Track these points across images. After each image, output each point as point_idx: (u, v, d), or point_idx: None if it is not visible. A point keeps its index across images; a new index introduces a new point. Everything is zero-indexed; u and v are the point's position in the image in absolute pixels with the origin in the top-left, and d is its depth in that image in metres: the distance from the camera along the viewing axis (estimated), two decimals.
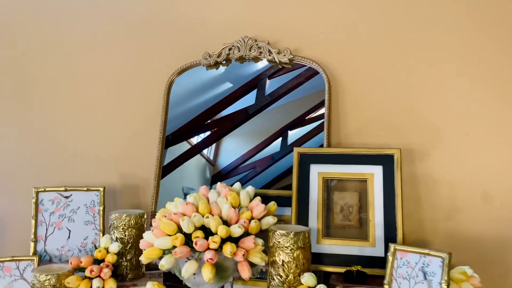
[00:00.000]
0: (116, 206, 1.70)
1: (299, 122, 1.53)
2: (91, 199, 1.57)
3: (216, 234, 1.16)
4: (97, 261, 1.33)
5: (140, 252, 1.40)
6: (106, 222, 1.55)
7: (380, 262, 1.33)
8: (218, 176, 1.56)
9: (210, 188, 1.55)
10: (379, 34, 1.53)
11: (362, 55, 1.54)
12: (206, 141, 1.61)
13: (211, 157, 1.57)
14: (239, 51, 1.61)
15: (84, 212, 1.55)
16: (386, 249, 1.33)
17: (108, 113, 1.75)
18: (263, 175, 1.53)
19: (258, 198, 1.27)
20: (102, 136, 1.74)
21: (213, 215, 1.19)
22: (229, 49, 1.62)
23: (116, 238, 1.39)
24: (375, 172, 1.41)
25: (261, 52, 1.59)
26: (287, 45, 1.59)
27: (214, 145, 1.59)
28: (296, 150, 1.46)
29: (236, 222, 1.20)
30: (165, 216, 1.20)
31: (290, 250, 1.13)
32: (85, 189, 1.56)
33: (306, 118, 1.53)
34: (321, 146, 1.49)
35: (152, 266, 1.48)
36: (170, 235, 1.17)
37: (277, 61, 1.57)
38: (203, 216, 1.19)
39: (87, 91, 1.77)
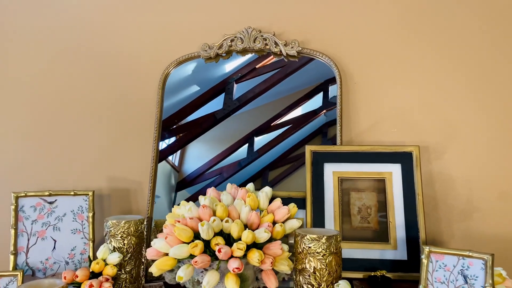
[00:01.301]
0: (104, 212, 1.53)
1: (265, 128, 1.46)
2: (79, 204, 1.40)
3: (239, 240, 1.04)
4: (94, 275, 1.17)
5: (140, 262, 1.26)
6: (96, 230, 1.39)
7: (403, 266, 1.26)
8: (183, 182, 1.47)
9: (175, 196, 1.45)
10: (392, 26, 1.47)
11: (373, 48, 1.48)
12: (173, 146, 1.50)
13: (176, 163, 1.47)
14: (242, 43, 1.50)
15: (71, 219, 1.38)
16: (409, 251, 1.27)
17: (95, 109, 1.58)
18: (229, 181, 1.42)
19: (279, 199, 1.17)
20: (88, 135, 1.57)
21: (232, 219, 1.07)
22: (231, 41, 1.51)
23: (114, 247, 1.23)
24: (394, 171, 1.34)
25: (266, 44, 1.49)
26: (293, 37, 1.50)
27: (179, 151, 1.49)
28: (309, 148, 1.37)
29: (258, 226, 1.09)
30: (179, 221, 1.06)
31: (323, 256, 1.02)
32: (72, 193, 1.39)
33: (272, 124, 1.45)
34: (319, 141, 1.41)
35: (149, 278, 1.34)
36: (186, 243, 1.03)
37: (284, 54, 1.48)
38: (221, 221, 1.06)
39: (72, 85, 1.59)
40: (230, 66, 1.51)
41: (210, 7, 1.56)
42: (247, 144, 1.46)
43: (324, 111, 1.44)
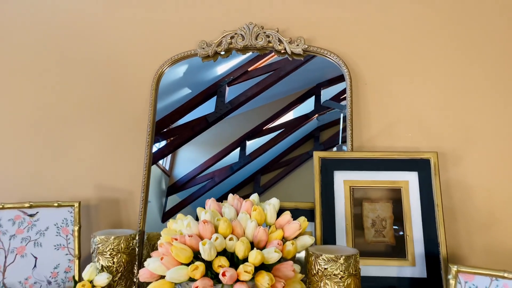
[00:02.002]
0: (91, 225, 1.40)
1: (257, 132, 1.39)
2: (63, 217, 1.27)
3: (244, 260, 0.92)
4: None
5: (132, 283, 1.13)
6: (82, 245, 1.26)
7: (423, 284, 1.15)
8: (174, 187, 1.39)
9: (166, 200, 1.38)
10: (405, 23, 1.36)
11: (384, 47, 1.37)
12: (164, 150, 1.41)
13: (167, 167, 1.40)
14: (243, 40, 1.38)
15: (54, 233, 1.25)
16: (429, 268, 1.16)
17: (81, 111, 1.45)
18: (221, 186, 1.39)
19: (288, 213, 1.05)
20: (73, 140, 1.44)
21: (237, 236, 0.95)
22: (231, 37, 1.39)
23: (102, 266, 1.10)
24: (410, 180, 1.22)
25: (269, 41, 1.38)
26: (297, 34, 1.39)
27: (170, 155, 1.42)
28: (317, 154, 1.26)
29: (265, 244, 0.97)
30: (176, 239, 0.93)
31: (340, 278, 0.90)
32: (56, 204, 1.26)
33: (264, 128, 1.39)
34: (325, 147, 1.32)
35: None
36: (185, 264, 0.91)
37: (289, 52, 1.36)
38: (224, 238, 0.94)
39: (54, 86, 1.46)
40: (222, 68, 1.43)
41: (208, 1, 1.44)
42: (239, 148, 1.40)
43: (316, 115, 1.36)
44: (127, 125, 1.43)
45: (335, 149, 1.33)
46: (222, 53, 1.41)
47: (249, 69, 1.42)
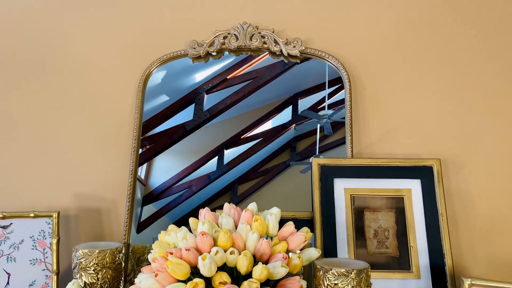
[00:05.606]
0: (70, 237, 1.30)
1: (235, 141, 1.36)
2: (40, 228, 1.17)
3: (247, 276, 0.84)
4: None
5: None
6: (61, 260, 1.15)
7: None
8: (149, 196, 1.33)
9: (141, 210, 1.31)
10: (406, 26, 1.33)
11: (384, 51, 1.33)
12: (140, 158, 1.34)
13: (142, 176, 1.34)
14: (236, 40, 1.32)
15: (30, 247, 1.15)
16: (434, 281, 1.11)
17: (60, 113, 1.34)
18: (198, 195, 1.34)
19: (291, 223, 0.97)
20: (50, 145, 1.33)
21: (238, 250, 0.87)
22: (224, 38, 1.32)
23: (85, 283, 1.00)
24: (413, 188, 1.17)
25: (264, 42, 1.31)
26: (294, 35, 1.33)
27: (145, 163, 1.36)
28: (316, 161, 1.20)
29: (269, 258, 0.89)
30: (171, 253, 0.84)
31: None
32: (32, 215, 1.16)
33: (242, 137, 1.35)
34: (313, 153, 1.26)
35: None
36: (182, 281, 0.82)
37: (285, 54, 1.30)
38: (224, 252, 0.86)
39: (29, 84, 1.35)
40: (201, 75, 1.37)
41: None
42: (217, 157, 1.36)
43: (294, 125, 1.33)
44: (111, 129, 1.33)
45: (312, 159, 1.28)
46: (214, 54, 1.34)
47: (228, 77, 1.36)
